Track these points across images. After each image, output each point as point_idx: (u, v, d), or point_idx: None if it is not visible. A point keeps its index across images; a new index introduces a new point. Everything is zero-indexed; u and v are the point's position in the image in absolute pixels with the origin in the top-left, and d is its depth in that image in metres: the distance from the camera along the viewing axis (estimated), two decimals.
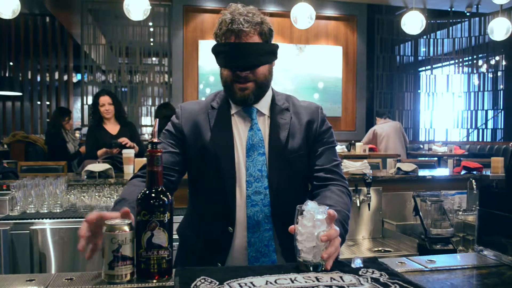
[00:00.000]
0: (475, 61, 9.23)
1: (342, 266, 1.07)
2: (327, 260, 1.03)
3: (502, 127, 9.12)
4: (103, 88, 5.02)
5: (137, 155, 3.48)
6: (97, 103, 3.80)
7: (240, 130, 1.37)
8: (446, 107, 9.44)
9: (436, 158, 6.74)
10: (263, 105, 1.40)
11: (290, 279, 0.98)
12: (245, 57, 1.29)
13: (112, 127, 3.82)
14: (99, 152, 3.64)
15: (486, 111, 9.26)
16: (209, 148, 1.34)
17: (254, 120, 1.37)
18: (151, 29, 7.79)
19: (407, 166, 3.46)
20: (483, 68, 9.28)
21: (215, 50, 1.35)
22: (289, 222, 1.08)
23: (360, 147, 6.14)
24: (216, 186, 1.33)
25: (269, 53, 1.34)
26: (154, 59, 8.25)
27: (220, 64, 1.34)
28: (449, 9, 8.48)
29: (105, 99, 3.79)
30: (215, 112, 1.39)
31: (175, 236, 1.18)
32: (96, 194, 2.51)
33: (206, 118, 1.38)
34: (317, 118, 1.41)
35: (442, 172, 4.04)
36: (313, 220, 1.04)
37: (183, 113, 1.40)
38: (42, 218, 2.30)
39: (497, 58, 9.13)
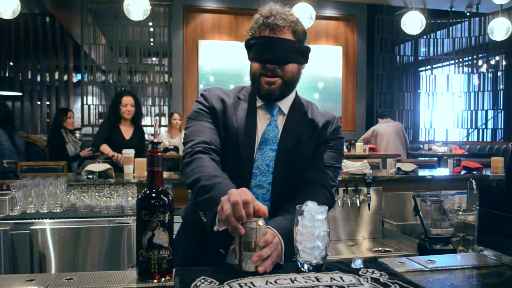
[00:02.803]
0: (475, 61, 9.23)
1: (342, 266, 1.08)
2: (261, 264, 1.03)
3: (502, 127, 9.12)
4: (125, 89, 5.08)
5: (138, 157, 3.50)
6: (119, 102, 3.83)
7: (259, 123, 1.40)
8: (446, 107, 9.44)
9: (436, 158, 6.74)
10: (285, 104, 1.42)
11: (290, 279, 0.98)
12: (275, 51, 1.32)
13: (127, 130, 3.89)
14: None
15: (486, 111, 9.26)
16: (233, 133, 1.36)
17: (274, 116, 1.40)
18: (151, 29, 7.79)
19: (407, 166, 3.46)
20: (483, 68, 9.27)
21: (248, 44, 1.38)
22: None
23: (360, 147, 6.14)
24: (233, 170, 1.33)
25: (300, 53, 1.36)
26: (154, 59, 8.25)
27: (251, 57, 1.38)
28: (449, 9, 8.48)
29: (128, 100, 3.84)
30: (241, 102, 1.42)
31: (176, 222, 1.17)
32: (96, 194, 2.51)
33: (232, 105, 1.41)
34: (332, 124, 1.44)
35: (442, 172, 4.04)
36: (313, 220, 1.04)
37: (211, 96, 1.42)
38: (42, 218, 2.30)
39: (497, 58, 9.12)
